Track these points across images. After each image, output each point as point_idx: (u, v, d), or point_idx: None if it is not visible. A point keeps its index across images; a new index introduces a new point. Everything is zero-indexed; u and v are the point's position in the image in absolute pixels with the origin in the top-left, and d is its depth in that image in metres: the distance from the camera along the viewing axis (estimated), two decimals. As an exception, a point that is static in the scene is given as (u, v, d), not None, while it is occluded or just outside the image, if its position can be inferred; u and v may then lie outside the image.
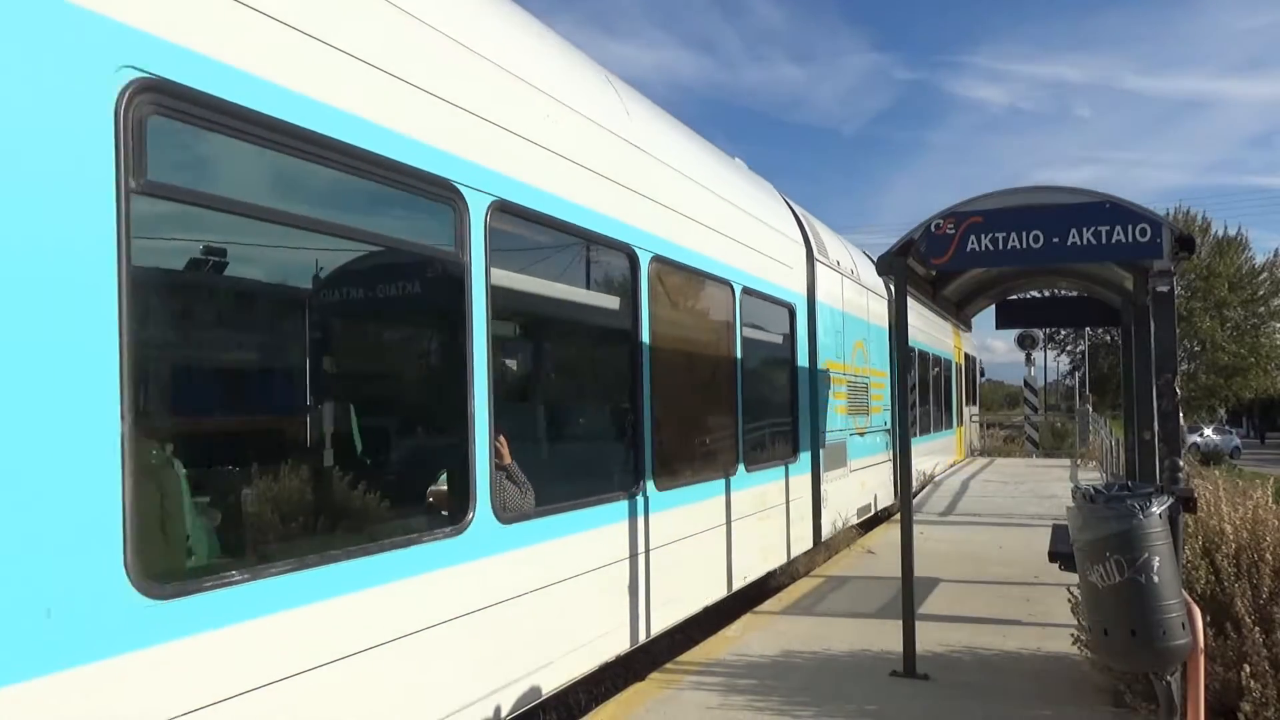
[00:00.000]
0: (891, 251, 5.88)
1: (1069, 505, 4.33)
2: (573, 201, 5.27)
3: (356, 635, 3.61)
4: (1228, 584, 4.86)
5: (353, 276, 4.48)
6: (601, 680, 5.88)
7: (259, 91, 3.23)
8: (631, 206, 5.98)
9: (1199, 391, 43.33)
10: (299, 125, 3.40)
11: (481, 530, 4.31)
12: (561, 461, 5.98)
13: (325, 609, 3.48)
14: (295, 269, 4.19)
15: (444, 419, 4.51)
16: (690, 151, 7.33)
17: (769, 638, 6.65)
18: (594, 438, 6.37)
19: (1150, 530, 3.98)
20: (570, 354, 6.45)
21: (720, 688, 5.52)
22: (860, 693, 5.39)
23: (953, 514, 13.53)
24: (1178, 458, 5.15)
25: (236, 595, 3.10)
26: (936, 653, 6.08)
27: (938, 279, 7.53)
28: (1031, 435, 30.33)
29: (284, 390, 4.51)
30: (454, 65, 4.34)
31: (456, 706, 4.16)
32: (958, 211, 5.70)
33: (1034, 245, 5.51)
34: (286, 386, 4.53)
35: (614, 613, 5.66)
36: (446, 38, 4.29)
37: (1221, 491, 5.70)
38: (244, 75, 3.18)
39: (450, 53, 4.33)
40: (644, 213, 6.14)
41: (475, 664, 4.31)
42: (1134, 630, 3.99)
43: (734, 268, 7.65)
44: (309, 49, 3.48)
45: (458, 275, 4.29)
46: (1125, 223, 5.32)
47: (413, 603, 3.92)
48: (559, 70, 5.43)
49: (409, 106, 3.98)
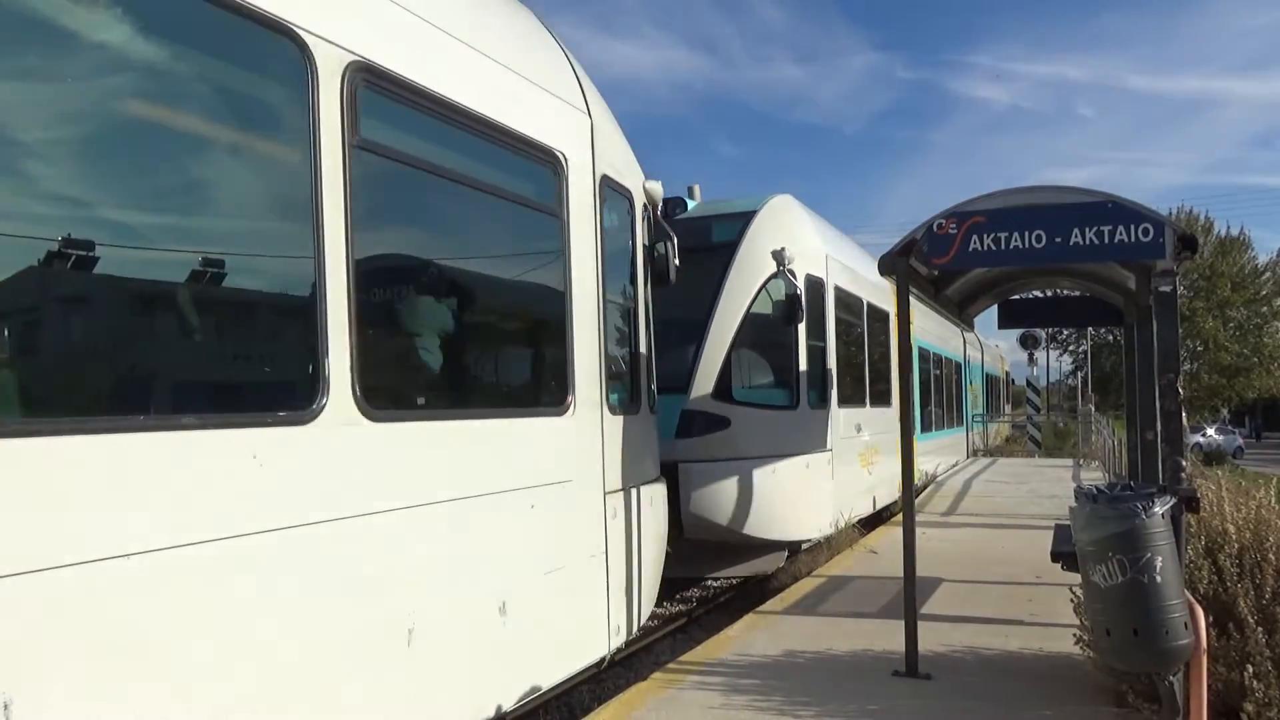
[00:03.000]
0: (893, 251, 5.87)
1: (1071, 505, 4.33)
2: None
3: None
4: (1230, 584, 4.85)
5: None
6: (604, 680, 5.88)
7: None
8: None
9: (1202, 391, 43.30)
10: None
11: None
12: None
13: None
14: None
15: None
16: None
17: (771, 637, 6.65)
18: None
19: (1153, 530, 3.98)
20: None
21: (722, 687, 5.52)
22: (862, 693, 5.38)
23: (955, 514, 13.52)
24: (1180, 458, 5.15)
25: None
26: (939, 653, 6.07)
27: (940, 279, 7.52)
28: (1034, 435, 30.32)
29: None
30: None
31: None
32: (960, 211, 5.69)
33: (1036, 245, 5.50)
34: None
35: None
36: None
37: (1224, 491, 5.69)
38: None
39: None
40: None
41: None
42: (1136, 630, 3.99)
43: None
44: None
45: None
46: (1128, 222, 5.31)
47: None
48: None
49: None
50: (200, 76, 3.38)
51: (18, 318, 2.87)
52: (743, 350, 9.31)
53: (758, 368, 9.60)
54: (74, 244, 2.93)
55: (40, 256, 2.85)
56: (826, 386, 10.48)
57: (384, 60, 3.86)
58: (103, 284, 3.06)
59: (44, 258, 2.86)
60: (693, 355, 8.98)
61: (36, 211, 2.90)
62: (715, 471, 8.78)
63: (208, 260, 3.34)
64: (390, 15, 4.00)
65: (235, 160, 3.56)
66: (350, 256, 3.64)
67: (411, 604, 3.94)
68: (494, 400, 5.02)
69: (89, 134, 3.08)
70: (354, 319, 3.62)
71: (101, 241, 3.00)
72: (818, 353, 10.19)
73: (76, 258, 2.95)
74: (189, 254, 3.30)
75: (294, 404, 3.45)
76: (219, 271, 3.40)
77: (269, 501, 3.28)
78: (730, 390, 9.06)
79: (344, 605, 3.59)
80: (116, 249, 3.07)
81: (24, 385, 2.85)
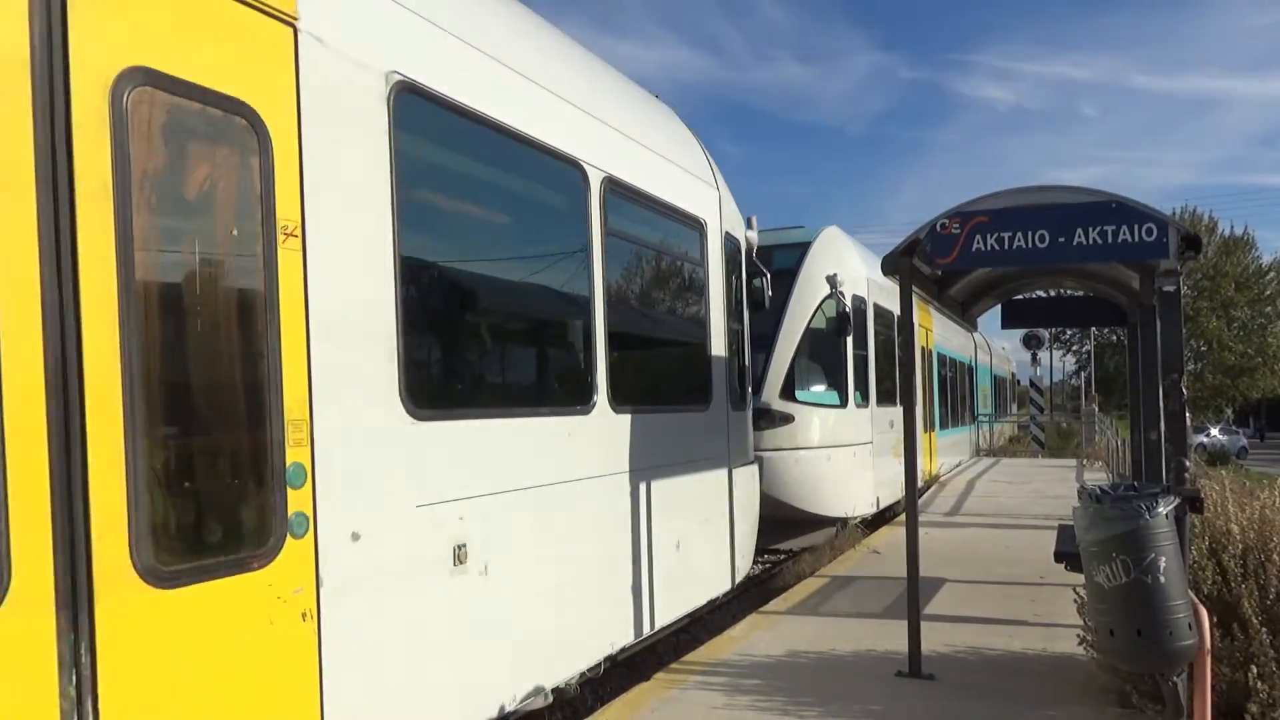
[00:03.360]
0: (897, 251, 5.86)
1: (1075, 505, 4.32)
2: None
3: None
4: (1234, 584, 4.84)
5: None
6: (607, 680, 5.88)
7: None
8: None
9: (1206, 391, 43.20)
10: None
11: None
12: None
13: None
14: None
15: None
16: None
17: (774, 638, 6.65)
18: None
19: (1157, 530, 3.98)
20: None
21: (725, 688, 5.52)
22: (865, 693, 5.38)
23: (958, 514, 13.52)
24: (1184, 458, 5.14)
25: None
26: (942, 653, 6.07)
27: (943, 279, 7.51)
28: (1037, 435, 30.29)
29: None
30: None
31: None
32: (963, 211, 5.68)
33: (1040, 245, 5.50)
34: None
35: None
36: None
37: (1228, 492, 5.69)
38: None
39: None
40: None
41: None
42: (1140, 631, 3.98)
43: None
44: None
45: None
46: (1131, 222, 5.30)
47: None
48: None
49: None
50: (537, 192, 5.32)
51: (499, 352, 5.09)
52: (803, 358, 11.30)
53: (815, 373, 11.56)
54: (499, 305, 5.01)
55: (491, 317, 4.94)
56: (867, 388, 12.54)
57: (619, 173, 5.80)
58: (522, 330, 5.31)
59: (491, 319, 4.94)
60: (763, 362, 10.90)
61: (480, 288, 4.81)
62: (785, 459, 10.83)
63: (555, 313, 5.45)
64: (621, 143, 5.96)
65: (559, 243, 5.42)
66: (607, 307, 5.55)
67: (626, 536, 5.83)
68: (675, 399, 6.77)
69: (512, 240, 5.10)
70: (607, 349, 5.54)
71: (509, 303, 5.09)
72: (861, 360, 12.29)
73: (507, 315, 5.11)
74: (544, 305, 5.35)
75: (583, 401, 5.38)
76: (559, 321, 5.52)
77: (576, 458, 5.25)
78: (794, 392, 11.11)
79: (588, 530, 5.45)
80: (520, 305, 5.18)
81: (480, 386, 4.77)
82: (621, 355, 5.83)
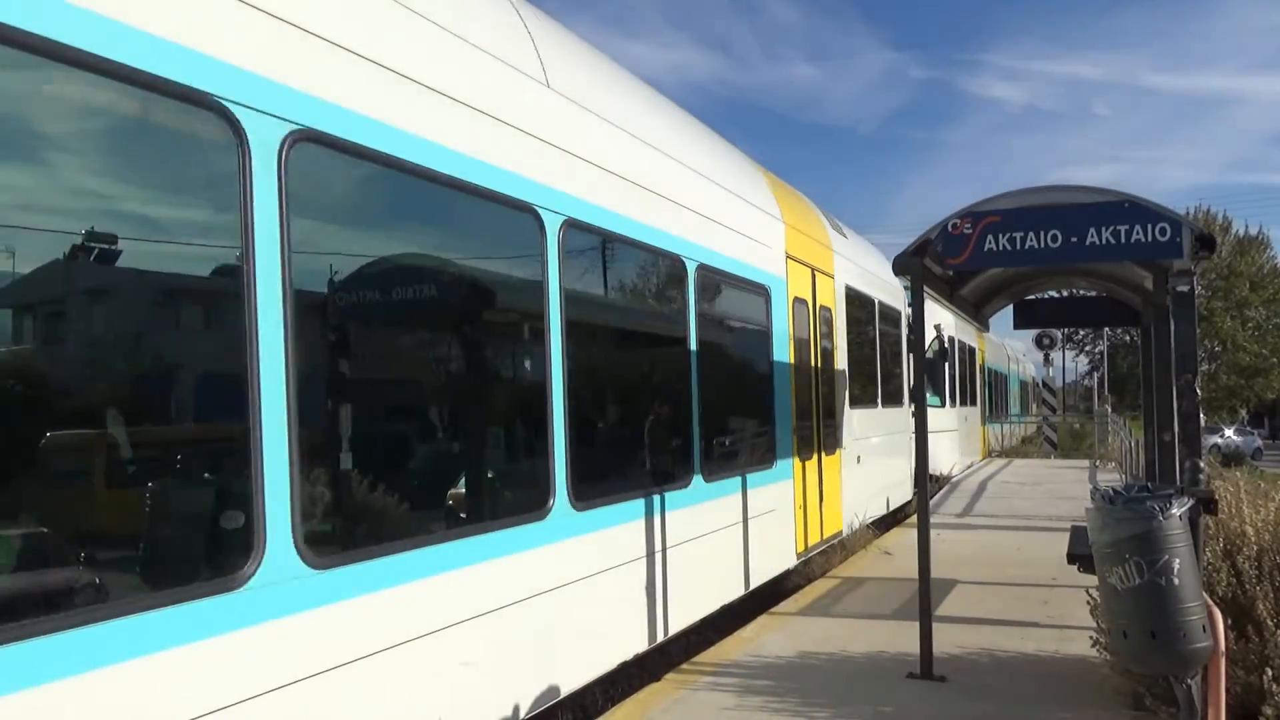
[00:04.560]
0: (908, 251, 5.85)
1: (1088, 507, 4.30)
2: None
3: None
4: (1249, 586, 4.82)
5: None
6: (618, 681, 5.88)
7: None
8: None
9: (1220, 392, 42.94)
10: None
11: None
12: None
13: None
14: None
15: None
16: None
17: (785, 638, 6.64)
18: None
19: (1170, 532, 3.95)
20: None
21: (736, 688, 5.51)
22: (876, 694, 5.37)
23: (970, 515, 13.48)
24: (1198, 459, 5.11)
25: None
26: (954, 655, 6.05)
27: (955, 279, 7.49)
28: (1050, 436, 30.17)
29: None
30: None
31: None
32: (975, 211, 5.67)
33: (1052, 245, 5.48)
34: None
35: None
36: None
37: (1243, 493, 5.64)
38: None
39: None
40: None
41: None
42: (1154, 633, 3.96)
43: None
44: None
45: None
46: (1145, 222, 5.28)
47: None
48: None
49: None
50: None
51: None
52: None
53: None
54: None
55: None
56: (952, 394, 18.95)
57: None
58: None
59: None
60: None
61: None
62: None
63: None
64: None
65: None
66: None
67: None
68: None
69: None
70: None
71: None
72: (947, 374, 18.08)
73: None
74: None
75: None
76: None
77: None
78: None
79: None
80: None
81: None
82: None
